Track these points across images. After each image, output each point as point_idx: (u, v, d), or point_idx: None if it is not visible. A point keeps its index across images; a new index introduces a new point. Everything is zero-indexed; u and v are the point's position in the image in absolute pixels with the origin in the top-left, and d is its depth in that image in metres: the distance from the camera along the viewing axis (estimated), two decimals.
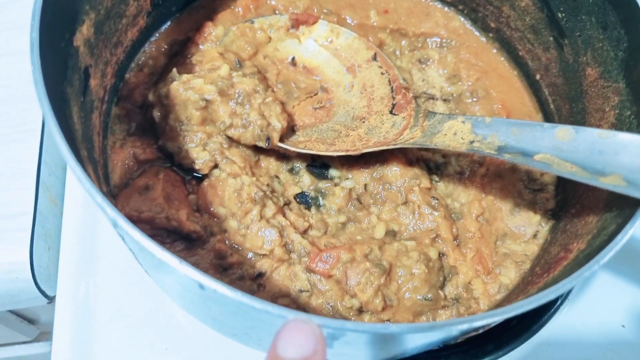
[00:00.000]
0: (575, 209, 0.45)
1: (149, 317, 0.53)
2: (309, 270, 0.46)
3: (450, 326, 0.29)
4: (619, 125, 0.43)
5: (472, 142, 0.43)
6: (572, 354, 0.54)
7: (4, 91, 0.60)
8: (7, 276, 0.54)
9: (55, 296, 0.55)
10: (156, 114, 0.51)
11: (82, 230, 0.56)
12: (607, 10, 0.45)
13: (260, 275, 0.47)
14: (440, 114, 0.49)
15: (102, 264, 0.55)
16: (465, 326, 0.28)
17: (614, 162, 0.35)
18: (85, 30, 0.43)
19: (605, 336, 0.57)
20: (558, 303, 0.55)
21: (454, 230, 0.50)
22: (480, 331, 0.52)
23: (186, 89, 0.49)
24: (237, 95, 0.49)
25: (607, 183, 0.35)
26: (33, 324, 0.70)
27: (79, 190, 0.58)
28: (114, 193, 0.49)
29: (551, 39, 0.53)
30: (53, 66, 0.36)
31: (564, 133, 0.39)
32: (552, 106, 0.55)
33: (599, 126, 0.46)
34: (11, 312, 0.66)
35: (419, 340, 0.31)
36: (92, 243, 0.56)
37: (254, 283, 0.47)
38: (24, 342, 0.74)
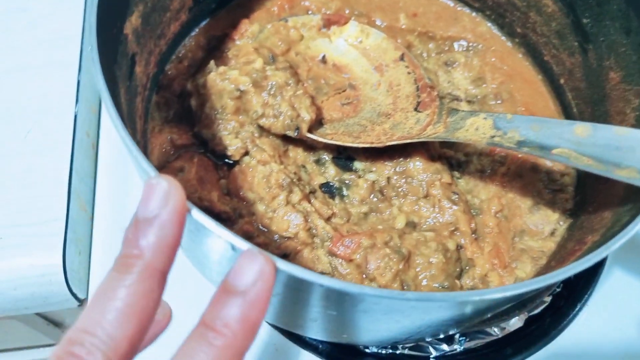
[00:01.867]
0: (592, 207, 0.46)
1: (177, 317, 0.56)
2: (331, 253, 0.48)
3: (462, 298, 0.31)
4: (638, 125, 0.44)
5: (493, 136, 0.45)
6: None
7: (39, 102, 0.63)
8: (41, 279, 0.56)
9: (85, 298, 0.59)
10: (193, 102, 0.54)
11: (111, 236, 0.60)
12: (631, 16, 0.47)
13: (285, 256, 0.49)
14: (463, 110, 0.51)
15: None
16: (477, 298, 0.30)
17: (630, 157, 0.37)
18: (134, 20, 0.46)
19: (625, 346, 0.57)
20: (577, 309, 0.56)
21: (473, 224, 0.51)
22: (500, 334, 0.53)
23: (222, 80, 0.52)
24: (269, 87, 0.52)
25: (622, 175, 0.36)
26: (59, 327, 0.73)
27: (108, 196, 0.62)
28: None
29: (576, 44, 0.54)
30: (105, 49, 0.40)
31: (582, 129, 0.40)
32: (575, 110, 0.56)
33: None
34: (38, 314, 0.68)
35: (435, 314, 0.33)
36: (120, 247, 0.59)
37: None
38: (49, 345, 0.76)
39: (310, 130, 0.53)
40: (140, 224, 0.27)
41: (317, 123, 0.55)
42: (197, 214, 0.30)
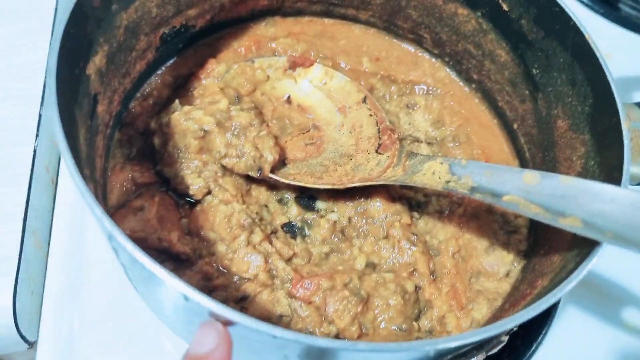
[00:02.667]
0: (544, 250, 0.48)
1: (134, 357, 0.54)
2: (291, 295, 0.49)
3: (416, 348, 0.31)
4: (584, 173, 0.47)
5: (448, 181, 0.47)
6: None
7: (0, 135, 0.62)
8: None
9: (35, 341, 0.56)
10: (157, 140, 0.54)
11: (65, 274, 0.58)
12: (576, 68, 0.50)
13: (244, 298, 0.49)
14: (421, 154, 0.53)
15: (86, 306, 0.56)
16: (429, 348, 0.30)
17: (574, 206, 0.39)
18: (98, 61, 0.47)
19: None
20: (533, 348, 0.58)
21: (431, 265, 0.53)
22: None
23: (186, 119, 0.53)
24: (233, 128, 0.53)
25: (565, 224, 0.38)
26: None
27: (66, 233, 0.60)
28: (110, 213, 0.51)
29: (527, 92, 0.57)
30: (66, 90, 0.40)
31: (531, 177, 0.42)
32: (527, 154, 0.58)
33: (567, 174, 0.50)
34: None
35: None
36: (76, 285, 0.57)
37: (237, 306, 0.49)
38: None
39: (273, 171, 0.54)
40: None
41: (281, 163, 0.56)
42: (150, 265, 0.30)
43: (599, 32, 0.82)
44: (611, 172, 0.42)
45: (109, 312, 0.57)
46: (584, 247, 0.39)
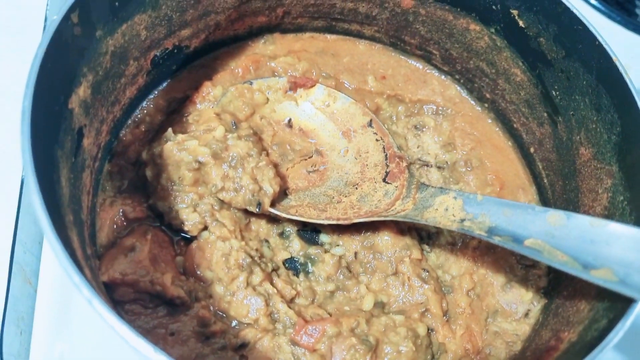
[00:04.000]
0: (568, 292, 0.44)
1: None
2: (294, 342, 0.45)
3: None
4: (612, 209, 0.43)
5: (463, 220, 0.43)
6: None
7: None
8: None
9: None
10: (149, 172, 0.51)
11: (56, 312, 0.54)
12: (601, 93, 0.46)
13: (244, 345, 0.45)
14: (432, 187, 0.49)
15: (76, 347, 0.53)
16: None
17: (606, 254, 0.35)
18: (81, 92, 0.43)
19: None
20: None
21: (444, 304, 0.49)
22: None
23: (180, 150, 0.49)
24: (230, 159, 0.49)
25: (598, 277, 0.34)
26: None
27: (56, 267, 0.56)
28: (100, 253, 0.48)
29: (545, 114, 0.53)
30: (44, 131, 0.36)
31: (555, 218, 0.38)
32: (545, 180, 0.54)
33: (592, 207, 0.46)
34: None
35: None
36: (66, 325, 0.54)
37: (237, 354, 0.45)
38: None
39: (273, 203, 0.50)
40: None
41: (282, 193, 0.53)
42: (134, 341, 0.27)
43: (617, 40, 0.78)
44: None
45: (101, 353, 0.53)
46: (617, 300, 0.35)
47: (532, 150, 0.56)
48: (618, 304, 0.35)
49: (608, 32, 0.79)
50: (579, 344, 0.35)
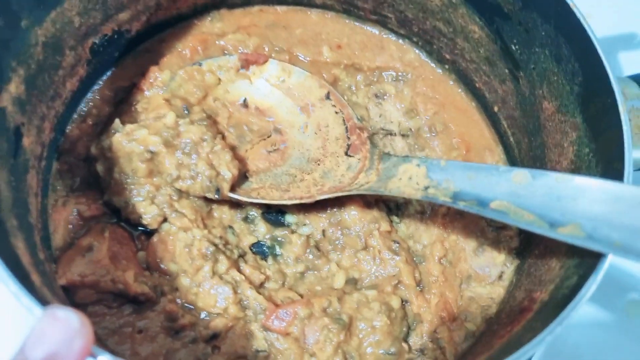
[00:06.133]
0: (539, 250, 0.43)
1: None
2: (266, 328, 0.44)
3: None
4: (578, 162, 0.42)
5: (427, 187, 0.42)
6: None
7: None
8: None
9: None
10: (100, 167, 0.48)
11: None
12: (560, 43, 0.44)
13: (215, 336, 0.44)
14: (395, 156, 0.48)
15: None
16: None
17: (572, 209, 0.34)
18: (13, 88, 0.40)
19: None
20: None
21: (417, 275, 0.48)
22: None
23: (129, 141, 0.47)
24: (183, 146, 0.47)
25: (565, 234, 0.33)
26: None
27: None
28: (55, 256, 0.46)
29: (506, 71, 0.52)
30: None
31: (520, 177, 0.37)
32: (511, 139, 0.53)
33: (558, 162, 0.45)
34: None
35: None
36: None
37: (208, 345, 0.44)
38: None
39: (233, 188, 0.48)
40: None
41: (242, 177, 0.51)
42: None
43: None
44: (611, 162, 0.37)
45: None
46: (586, 256, 0.34)
47: (495, 109, 0.55)
48: (588, 259, 0.34)
49: None
50: (551, 303, 0.35)
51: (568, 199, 0.34)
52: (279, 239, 0.50)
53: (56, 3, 0.43)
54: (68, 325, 0.24)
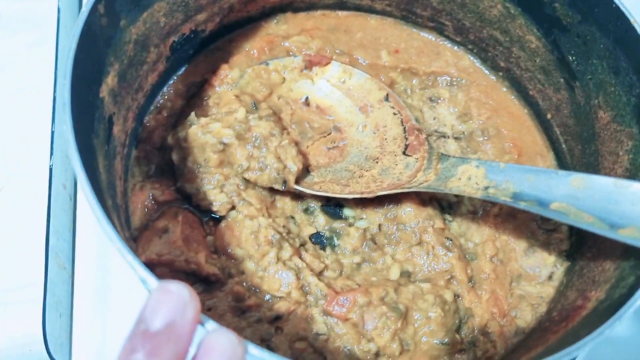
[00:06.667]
0: (591, 253, 0.45)
1: None
2: (326, 313, 0.47)
3: None
4: (634, 170, 0.44)
5: (486, 187, 0.44)
6: None
7: (12, 156, 0.60)
8: (21, 350, 0.53)
9: None
10: (175, 156, 0.52)
11: (93, 293, 0.57)
12: (619, 56, 0.46)
13: (278, 318, 0.47)
14: (453, 157, 0.50)
15: (117, 322, 0.55)
16: None
17: (631, 213, 0.36)
18: (110, 81, 0.44)
19: None
20: None
21: (469, 271, 0.50)
22: None
23: (204, 133, 0.50)
24: (254, 139, 0.51)
25: (625, 235, 0.35)
26: None
27: (89, 250, 0.59)
28: (135, 236, 0.49)
29: (562, 80, 0.54)
30: (82, 121, 0.37)
31: (579, 181, 0.39)
32: (564, 146, 0.55)
33: (612, 170, 0.47)
34: None
35: None
36: (105, 303, 0.56)
37: (272, 326, 0.47)
38: None
39: (297, 181, 0.52)
40: (152, 337, 0.25)
41: (304, 171, 0.54)
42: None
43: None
44: None
45: None
46: None
47: (549, 116, 0.57)
48: None
49: None
50: (608, 301, 0.37)
51: (627, 203, 0.36)
52: (337, 230, 0.53)
53: (148, 5, 0.47)
54: (180, 297, 0.26)
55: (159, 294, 0.27)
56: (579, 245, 0.49)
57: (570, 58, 0.51)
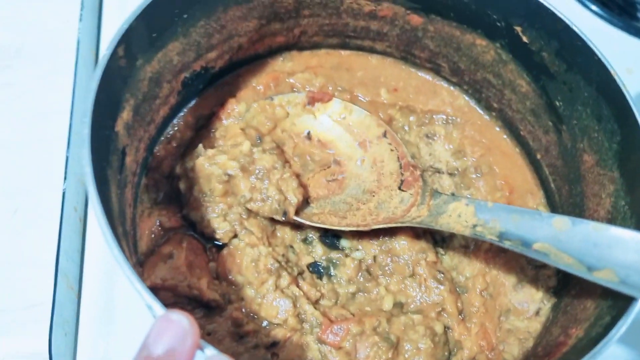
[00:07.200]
0: (575, 291, 0.48)
1: None
2: (321, 341, 0.49)
3: None
4: (614, 213, 0.46)
5: (475, 225, 0.46)
6: None
7: (26, 179, 0.63)
8: None
9: None
10: (182, 185, 0.55)
11: (99, 314, 0.59)
12: (601, 104, 0.49)
13: (275, 344, 0.49)
14: (445, 194, 0.53)
15: (121, 343, 0.57)
16: None
17: (608, 256, 0.38)
18: (125, 116, 0.47)
19: None
20: None
21: (459, 304, 0.52)
22: None
23: (211, 164, 0.53)
24: (257, 171, 0.53)
25: (600, 277, 0.38)
26: None
27: (97, 272, 0.61)
28: (141, 260, 0.52)
29: (550, 123, 0.57)
30: (98, 154, 0.40)
31: (561, 223, 0.42)
32: (552, 185, 0.58)
33: (596, 211, 0.49)
34: None
35: None
36: (110, 324, 0.58)
37: (268, 352, 0.49)
38: None
39: (297, 212, 0.54)
40: None
41: (304, 202, 0.57)
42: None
43: (619, 45, 0.81)
44: None
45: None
46: (619, 299, 0.39)
47: (539, 156, 0.60)
48: (620, 302, 0.38)
49: (610, 37, 0.82)
50: (586, 339, 0.39)
51: (604, 247, 0.39)
52: (334, 260, 0.55)
53: (163, 45, 0.51)
54: (180, 325, 0.29)
55: (161, 322, 0.29)
56: (565, 283, 0.51)
57: (557, 103, 0.55)
